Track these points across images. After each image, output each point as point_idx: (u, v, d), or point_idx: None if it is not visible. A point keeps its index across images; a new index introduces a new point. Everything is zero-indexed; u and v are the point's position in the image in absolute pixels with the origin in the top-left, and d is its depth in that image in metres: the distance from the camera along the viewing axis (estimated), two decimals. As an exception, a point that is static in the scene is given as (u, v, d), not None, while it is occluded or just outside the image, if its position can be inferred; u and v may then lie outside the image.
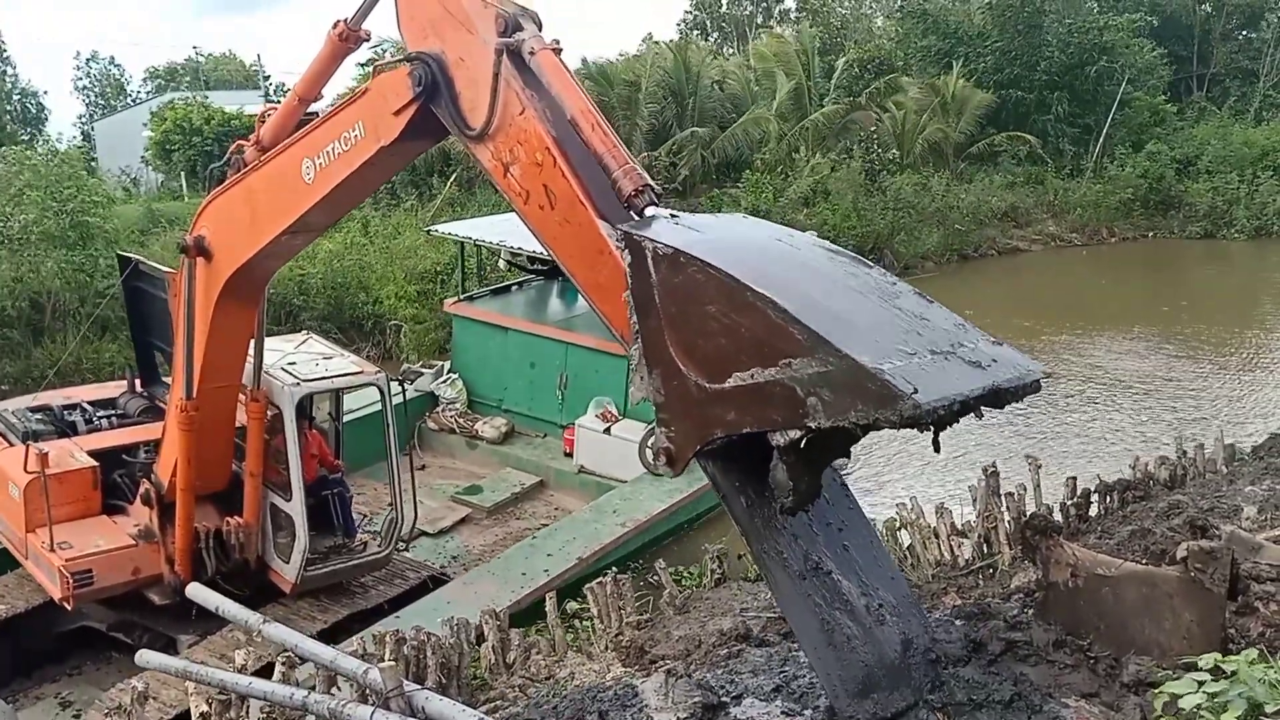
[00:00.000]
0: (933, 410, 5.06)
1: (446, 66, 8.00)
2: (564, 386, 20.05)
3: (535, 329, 20.67)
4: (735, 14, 73.53)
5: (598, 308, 7.12)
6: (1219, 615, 6.44)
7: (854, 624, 6.38)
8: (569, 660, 10.64)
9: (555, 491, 19.00)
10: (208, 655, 12.22)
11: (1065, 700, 6.32)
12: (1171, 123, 52.52)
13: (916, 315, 5.83)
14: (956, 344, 5.65)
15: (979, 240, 43.41)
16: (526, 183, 7.46)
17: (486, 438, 20.38)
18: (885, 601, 6.63)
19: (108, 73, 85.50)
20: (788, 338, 5.38)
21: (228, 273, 11.31)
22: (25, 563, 13.45)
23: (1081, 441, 22.29)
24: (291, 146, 10.04)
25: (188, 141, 45.17)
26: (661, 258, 5.95)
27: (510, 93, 7.48)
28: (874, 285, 6.07)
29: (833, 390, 5.23)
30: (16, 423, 14.25)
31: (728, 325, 5.65)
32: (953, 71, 48.79)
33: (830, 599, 6.40)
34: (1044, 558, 7.04)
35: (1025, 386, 5.63)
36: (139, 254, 16.81)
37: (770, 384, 5.48)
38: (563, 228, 7.25)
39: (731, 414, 5.78)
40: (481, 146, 7.79)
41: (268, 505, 13.42)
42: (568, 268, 7.38)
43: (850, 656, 6.30)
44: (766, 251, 6.35)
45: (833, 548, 6.62)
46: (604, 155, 6.88)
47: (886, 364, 5.16)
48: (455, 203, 37.88)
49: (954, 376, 5.37)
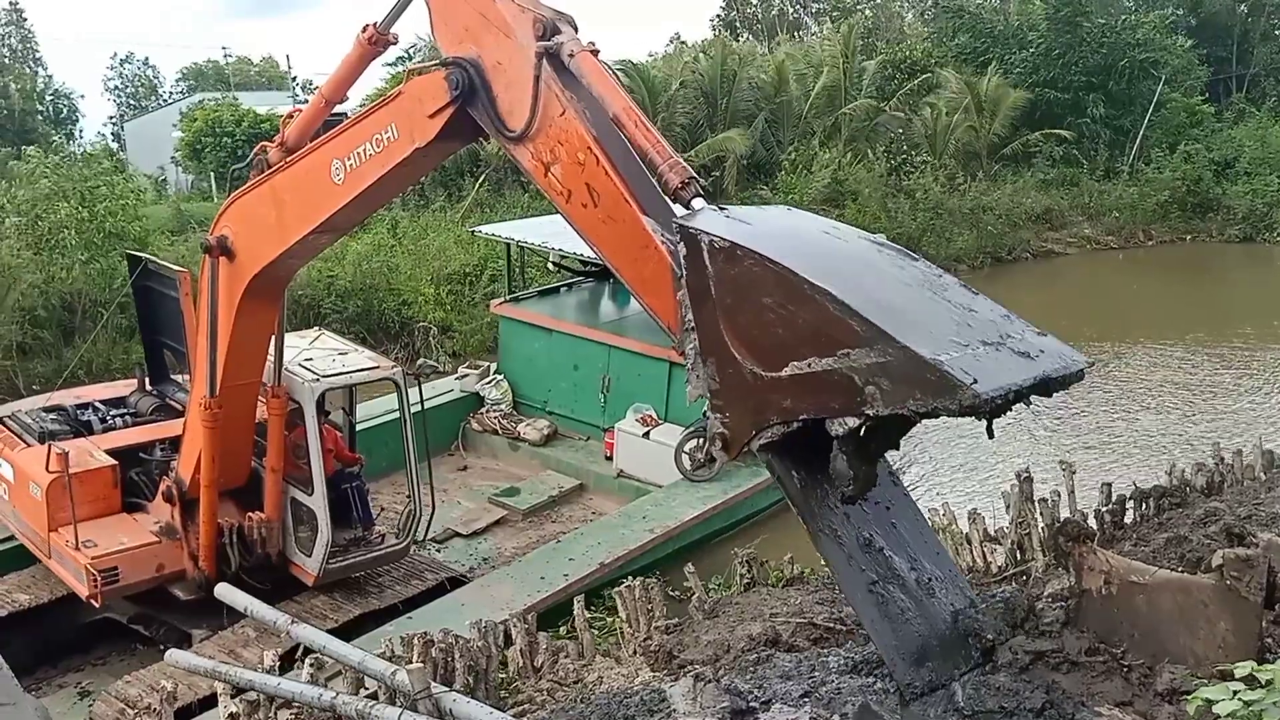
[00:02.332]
0: (990, 399, 5.34)
1: (484, 70, 8.17)
2: (607, 389, 19.94)
3: (578, 331, 20.60)
4: (766, 14, 73.40)
5: (644, 302, 7.34)
6: (1255, 624, 6.35)
7: (906, 597, 6.74)
8: (597, 664, 10.61)
9: (594, 495, 18.90)
10: (216, 650, 12.40)
11: (1098, 709, 6.26)
12: (1209, 124, 51.84)
13: (965, 307, 6.11)
14: (1005, 335, 5.94)
15: (1013, 242, 42.94)
16: (568, 182, 7.65)
17: (528, 440, 20.35)
18: (934, 575, 6.99)
19: (140, 74, 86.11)
20: (846, 329, 5.63)
21: (252, 272, 11.44)
22: (48, 561, 13.59)
23: (1117, 447, 22.07)
24: (320, 148, 10.15)
25: (218, 142, 45.36)
26: (718, 250, 6.18)
27: (550, 95, 7.65)
28: (922, 277, 6.35)
29: (891, 380, 5.50)
30: (32, 423, 14.42)
31: (785, 316, 5.89)
32: (986, 71, 48.37)
33: (883, 574, 6.74)
34: (1077, 564, 7.00)
35: (1071, 375, 5.91)
36: (167, 256, 16.93)
37: (828, 373, 5.73)
38: (607, 225, 7.47)
39: (788, 401, 6.04)
40: (521, 147, 7.98)
41: (288, 500, 13.56)
42: (613, 264, 7.62)
43: (905, 628, 6.64)
44: (818, 244, 6.61)
45: (882, 526, 6.96)
46: (649, 151, 7.15)
47: (944, 355, 5.44)
48: (484, 204, 37.89)
49: (1006, 366, 5.64)
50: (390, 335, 29.31)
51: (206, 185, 47.10)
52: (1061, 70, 49.31)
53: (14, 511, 14.14)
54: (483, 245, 32.36)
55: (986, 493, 17.13)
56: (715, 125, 43.78)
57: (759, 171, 43.37)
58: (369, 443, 15.81)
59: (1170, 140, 49.65)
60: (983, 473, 19.35)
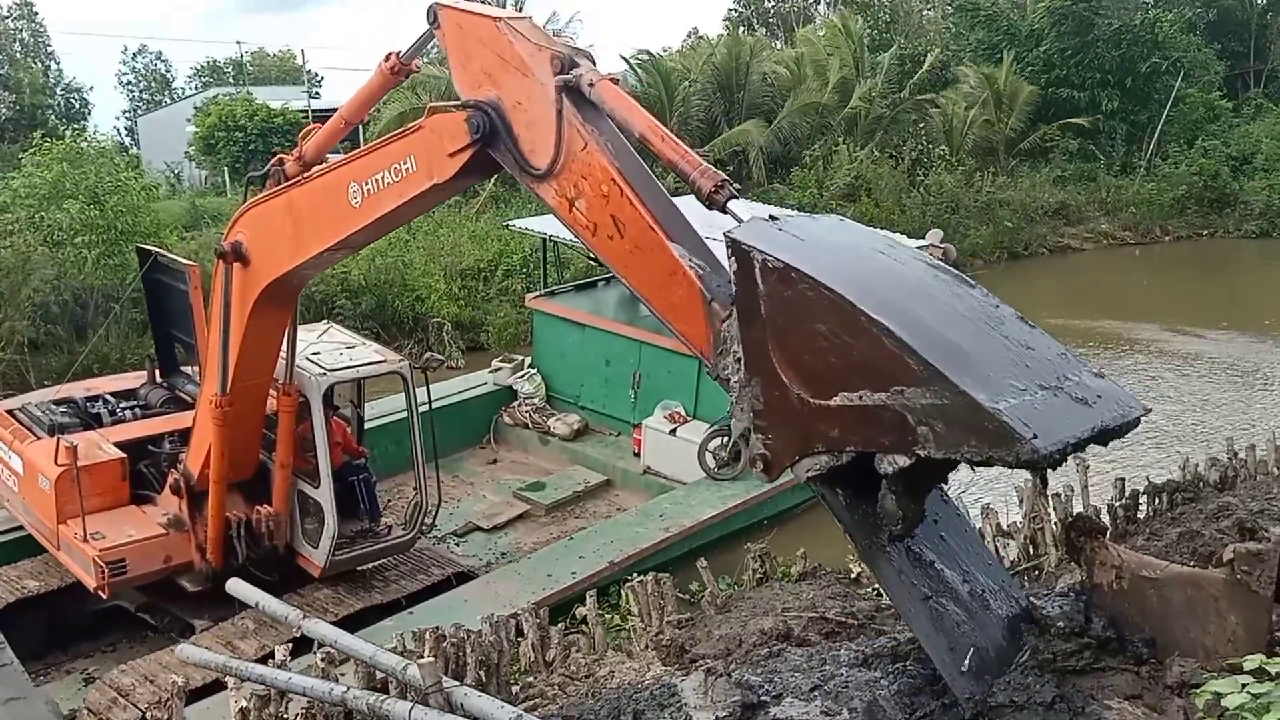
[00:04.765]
0: (1049, 455, 5.17)
1: (504, 111, 8.16)
2: (637, 385, 19.99)
3: (610, 326, 20.62)
4: (781, 8, 73.27)
5: (675, 328, 7.24)
6: (1265, 618, 6.32)
7: (960, 609, 6.57)
8: (609, 659, 10.60)
9: (620, 491, 18.91)
10: (214, 641, 12.53)
11: (1108, 702, 6.22)
12: (1227, 119, 51.61)
13: (1022, 344, 5.88)
14: (1063, 377, 5.72)
15: (1029, 238, 42.82)
16: (593, 215, 7.62)
17: (558, 434, 20.40)
18: (986, 586, 6.81)
19: (153, 68, 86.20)
20: (902, 366, 5.46)
21: (266, 280, 11.53)
22: (57, 553, 13.75)
23: (1131, 442, 21.91)
24: (339, 168, 10.20)
25: (231, 137, 45.48)
26: (771, 270, 6.01)
27: (572, 130, 7.65)
28: (979, 309, 6.11)
29: (946, 424, 5.34)
30: (42, 416, 14.53)
31: (838, 345, 5.72)
32: (1003, 65, 48.20)
33: (936, 588, 6.57)
34: (1089, 559, 6.96)
35: (1128, 424, 5.71)
36: (181, 252, 17.00)
37: (880, 408, 5.58)
38: (634, 254, 7.41)
39: (836, 431, 5.91)
40: (545, 185, 7.96)
41: (295, 492, 13.68)
42: (642, 294, 7.54)
43: (960, 640, 6.46)
44: (874, 267, 6.37)
45: (931, 539, 6.79)
46: (678, 162, 7.15)
47: (1003, 403, 5.25)
48: (500, 199, 37.91)
49: (1064, 415, 5.44)
50: (404, 331, 29.40)
51: (220, 180, 47.21)
52: (1076, 69, 49.12)
53: (23, 503, 14.30)
54: (497, 240, 32.39)
55: (1000, 487, 17.11)
56: (731, 120, 43.77)
57: (776, 166, 43.33)
58: (391, 438, 15.84)
59: (1188, 136, 49.47)
60: (996, 468, 19.21)
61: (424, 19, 8.99)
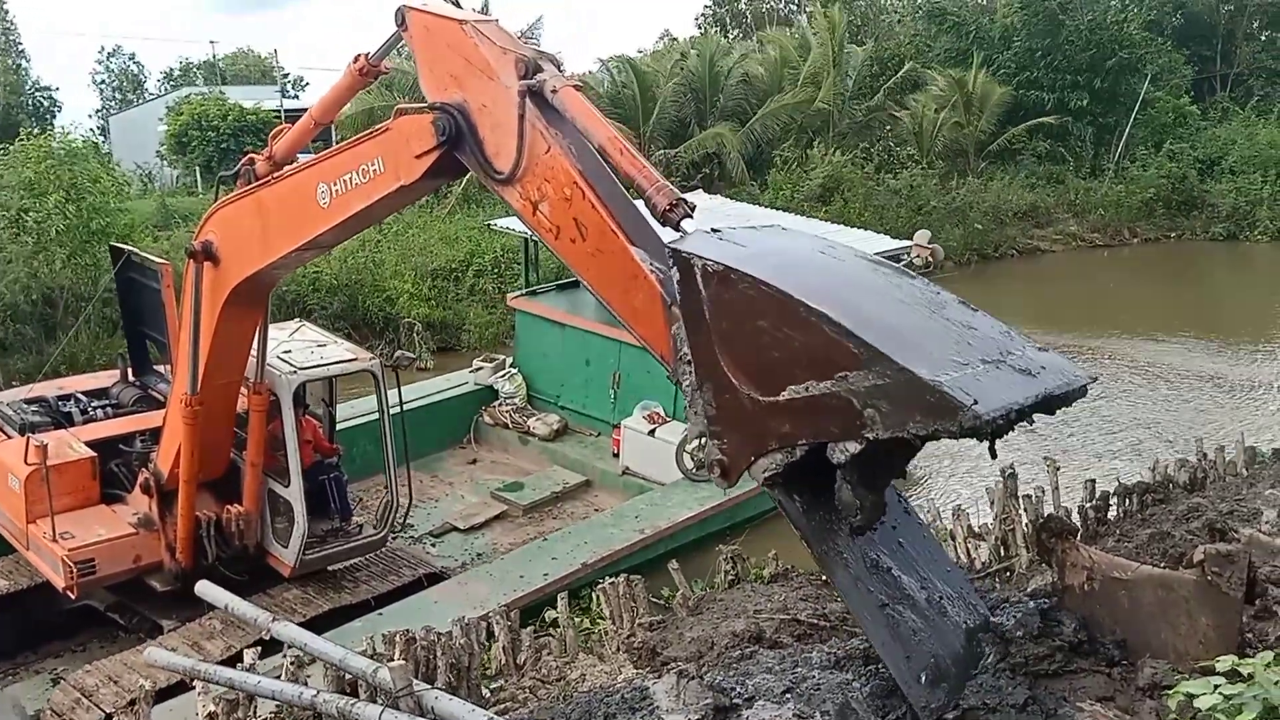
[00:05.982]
0: (992, 420, 5.22)
1: (469, 114, 8.19)
2: (617, 386, 19.95)
3: (590, 326, 20.50)
4: (754, 9, 73.38)
5: (636, 332, 7.23)
6: (1236, 619, 6.35)
7: (917, 617, 6.56)
8: (580, 662, 10.56)
9: (599, 492, 18.86)
10: (180, 641, 12.47)
11: (1080, 704, 6.24)
12: (1194, 123, 52.04)
13: (964, 325, 5.99)
14: (1005, 352, 5.81)
15: (999, 240, 43.02)
16: (556, 218, 7.62)
17: (538, 434, 20.35)
18: (945, 593, 6.81)
19: (126, 68, 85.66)
20: (844, 351, 5.51)
21: (235, 280, 11.52)
22: (26, 553, 13.67)
23: (1102, 443, 22.10)
24: (308, 169, 10.23)
25: (204, 136, 45.26)
26: (711, 274, 6.07)
27: (535, 133, 7.66)
28: (920, 296, 6.21)
29: (890, 402, 5.38)
30: (13, 415, 14.46)
31: (781, 340, 5.77)
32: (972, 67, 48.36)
33: (893, 595, 6.58)
34: (1059, 560, 6.99)
35: (1074, 392, 5.81)
36: (152, 252, 16.90)
37: (826, 396, 5.62)
38: (595, 258, 7.41)
39: (786, 426, 5.94)
40: (510, 189, 7.98)
41: (265, 491, 13.62)
42: (603, 297, 7.50)
43: (917, 648, 6.45)
44: (812, 265, 6.48)
45: (889, 545, 6.79)
46: (635, 176, 7.18)
47: (944, 375, 5.32)
48: (471, 200, 37.81)
49: (1007, 385, 5.52)
50: (375, 331, 29.29)
51: (192, 180, 46.93)
52: (1046, 71, 49.36)
53: None
54: (468, 241, 32.29)
55: (971, 489, 17.16)
56: (705, 122, 43.80)
57: (749, 168, 43.39)
58: (370, 438, 15.76)
59: (1155, 139, 49.89)
60: (967, 468, 19.40)
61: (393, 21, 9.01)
